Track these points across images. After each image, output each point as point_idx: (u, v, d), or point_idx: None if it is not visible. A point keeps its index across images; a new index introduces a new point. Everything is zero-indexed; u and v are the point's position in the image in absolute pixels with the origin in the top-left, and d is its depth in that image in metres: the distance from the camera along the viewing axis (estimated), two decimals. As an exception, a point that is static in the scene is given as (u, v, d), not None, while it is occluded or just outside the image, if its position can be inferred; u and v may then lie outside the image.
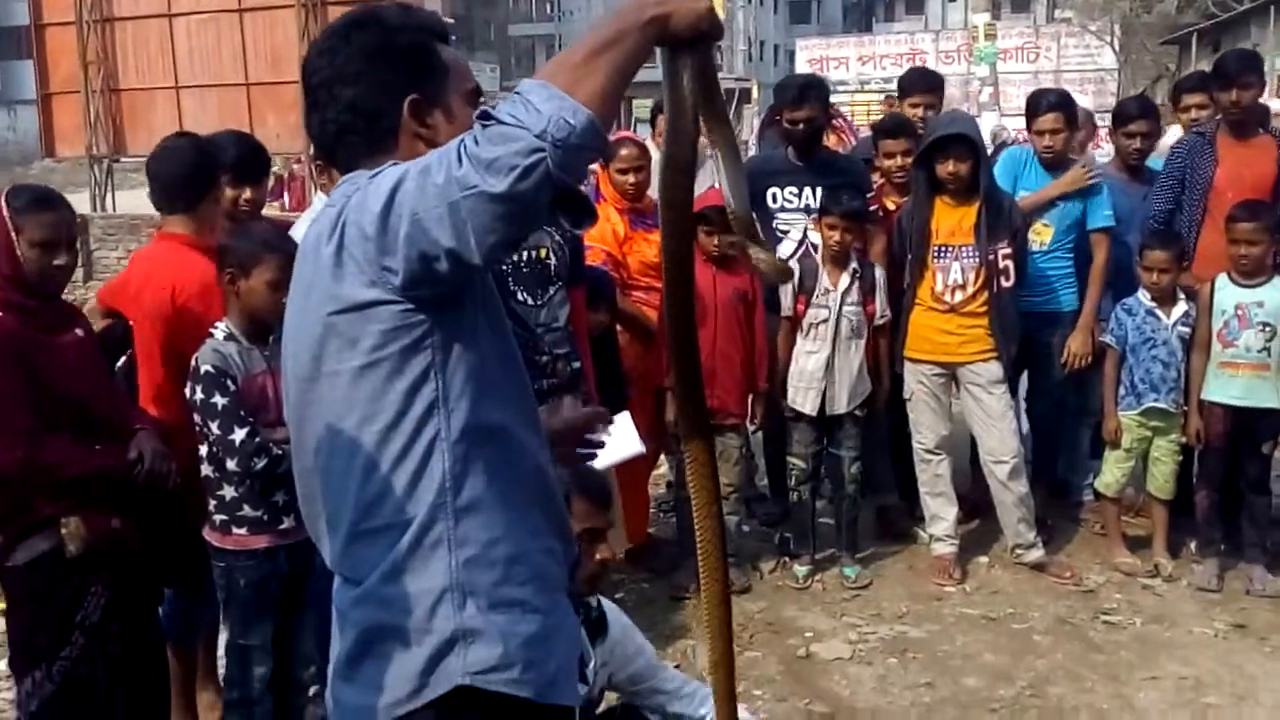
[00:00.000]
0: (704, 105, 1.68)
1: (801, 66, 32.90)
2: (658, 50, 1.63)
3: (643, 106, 50.16)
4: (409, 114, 1.74)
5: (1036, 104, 5.17)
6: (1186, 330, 4.78)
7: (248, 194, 3.82)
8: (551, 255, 4.12)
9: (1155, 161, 5.39)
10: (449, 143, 1.53)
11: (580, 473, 2.61)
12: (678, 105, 1.64)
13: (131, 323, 3.48)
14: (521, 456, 1.75)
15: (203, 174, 3.54)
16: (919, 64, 30.75)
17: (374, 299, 1.60)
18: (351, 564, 1.72)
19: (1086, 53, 30.38)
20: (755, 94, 42.12)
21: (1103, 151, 8.33)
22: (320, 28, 14.02)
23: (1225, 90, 4.92)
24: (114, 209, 15.95)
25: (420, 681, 1.67)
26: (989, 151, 5.34)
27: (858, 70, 31.67)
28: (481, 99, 1.81)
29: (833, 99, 6.42)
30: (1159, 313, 4.81)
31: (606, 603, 3.01)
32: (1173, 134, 5.69)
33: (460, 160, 1.48)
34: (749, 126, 36.56)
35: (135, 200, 17.99)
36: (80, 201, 17.26)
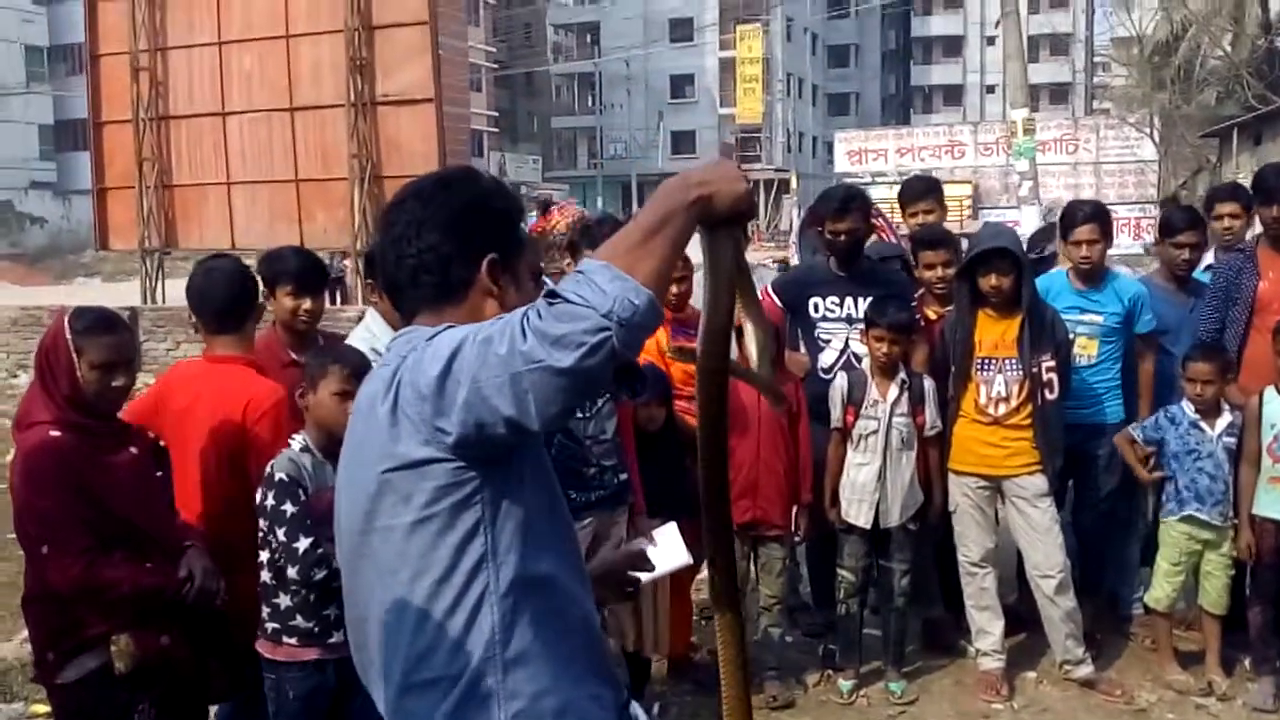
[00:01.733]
0: (737, 276, 1.79)
1: (840, 158, 33.21)
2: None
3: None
4: (486, 271, 1.82)
5: (1072, 215, 5.21)
6: (1232, 441, 4.74)
7: (307, 304, 3.92)
8: None
9: (1202, 274, 5.39)
10: (508, 314, 1.61)
11: None
12: (718, 278, 1.74)
13: (165, 442, 3.51)
14: (567, 604, 1.80)
15: (248, 295, 3.64)
16: (959, 155, 31.11)
17: (428, 457, 1.66)
18: (404, 716, 1.76)
19: (1125, 144, 30.48)
20: (794, 184, 42.61)
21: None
22: (370, 127, 14.43)
23: (1266, 205, 4.94)
24: (164, 300, 16.24)
25: None
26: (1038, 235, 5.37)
27: (896, 162, 31.87)
28: (542, 278, 1.91)
29: (872, 191, 6.52)
30: (1203, 425, 4.78)
31: (641, 713, 2.97)
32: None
33: (525, 334, 1.54)
34: (788, 217, 36.91)
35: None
36: (130, 291, 17.65)
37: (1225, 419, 4.77)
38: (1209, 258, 5.54)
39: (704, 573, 5.36)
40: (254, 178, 15.25)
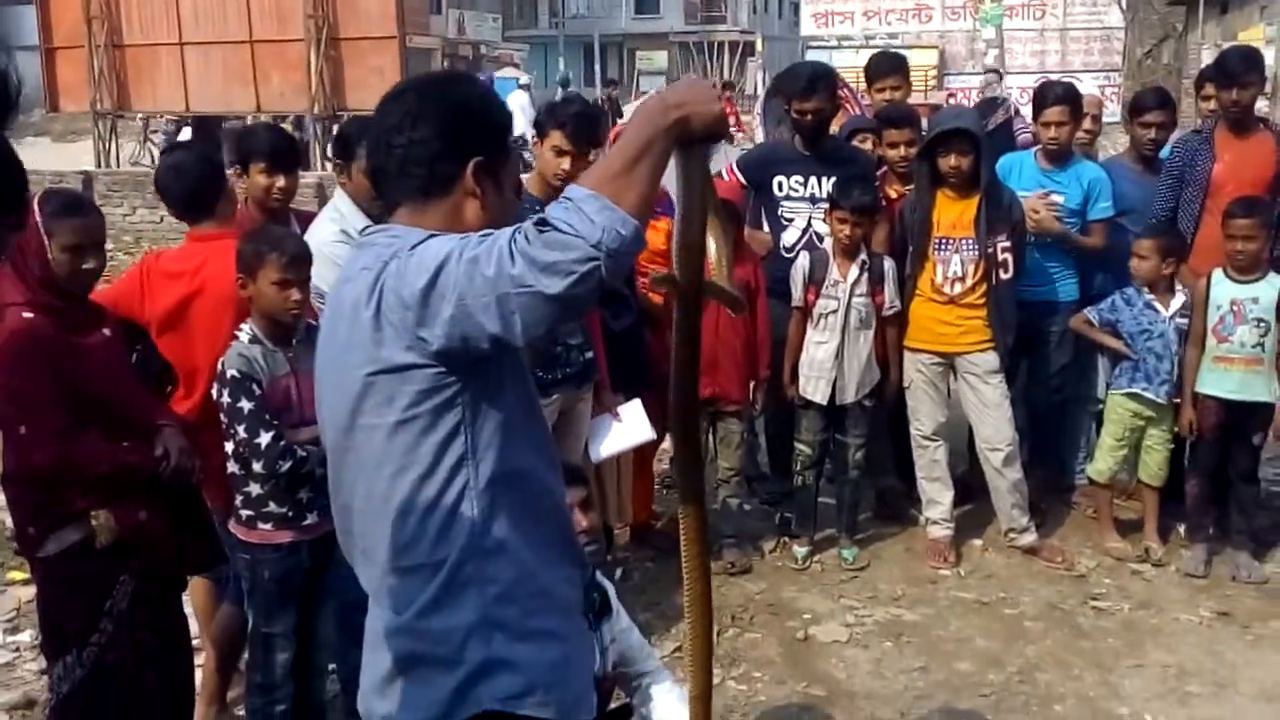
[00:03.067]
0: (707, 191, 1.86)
1: (806, 21, 32.56)
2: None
3: (645, 58, 49.69)
4: (472, 172, 1.87)
5: (1044, 96, 5.24)
6: (1184, 323, 4.88)
7: (281, 182, 3.92)
8: None
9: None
10: (495, 234, 1.67)
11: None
12: (690, 196, 1.81)
13: (156, 330, 3.55)
14: (542, 494, 1.91)
15: (215, 182, 3.65)
16: (926, 19, 30.65)
17: (410, 362, 1.74)
18: (389, 597, 1.88)
19: (1093, 11, 30.07)
20: (759, 47, 41.87)
21: (1109, 112, 8.31)
22: (328, -14, 13.98)
23: (1226, 89, 4.99)
24: (118, 165, 15.96)
25: (450, 706, 1.83)
26: (983, 105, 5.41)
27: (863, 25, 31.36)
28: (521, 197, 1.95)
29: (837, 56, 6.49)
30: (1157, 305, 4.91)
31: (606, 581, 3.11)
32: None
33: (513, 258, 1.60)
34: (752, 81, 36.38)
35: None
36: (82, 152, 17.31)
37: (1179, 300, 4.90)
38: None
39: (666, 444, 5.53)
40: (207, 38, 14.85)
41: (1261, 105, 5.26)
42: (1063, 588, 4.77)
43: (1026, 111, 5.92)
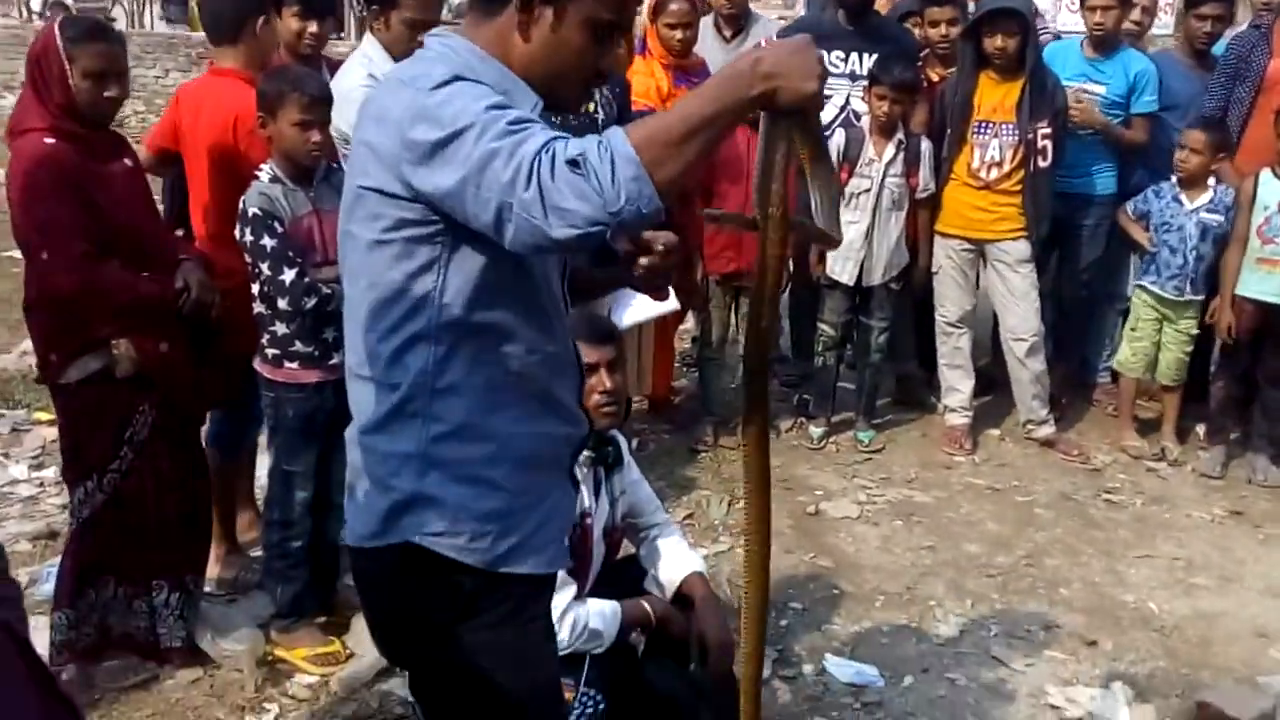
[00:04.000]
0: (810, 150, 1.72)
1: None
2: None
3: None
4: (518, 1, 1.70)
5: None
6: (1211, 218, 4.78)
7: (313, 28, 3.86)
8: (600, 110, 4.14)
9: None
10: (524, 136, 1.53)
11: (581, 316, 2.68)
12: (769, 167, 1.67)
13: (185, 158, 3.57)
14: (520, 353, 1.80)
15: (247, 5, 3.57)
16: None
17: (396, 192, 1.68)
18: (353, 401, 1.88)
19: (1155, -84, 29.11)
20: (808, -61, 40.81)
21: (1162, 23, 8.10)
22: None
23: (1288, -19, 4.81)
24: (151, 26, 15.80)
25: (381, 527, 1.83)
26: None
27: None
28: (614, 30, 1.75)
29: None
30: (1183, 198, 4.81)
31: (619, 435, 3.11)
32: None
33: (529, 181, 1.50)
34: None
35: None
36: (117, 17, 17.12)
37: (1206, 196, 4.80)
38: None
39: (689, 323, 5.52)
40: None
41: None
42: (1076, 480, 4.77)
43: (1047, 9, 5.70)
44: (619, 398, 2.88)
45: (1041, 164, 4.77)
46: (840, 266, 4.82)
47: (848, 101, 4.97)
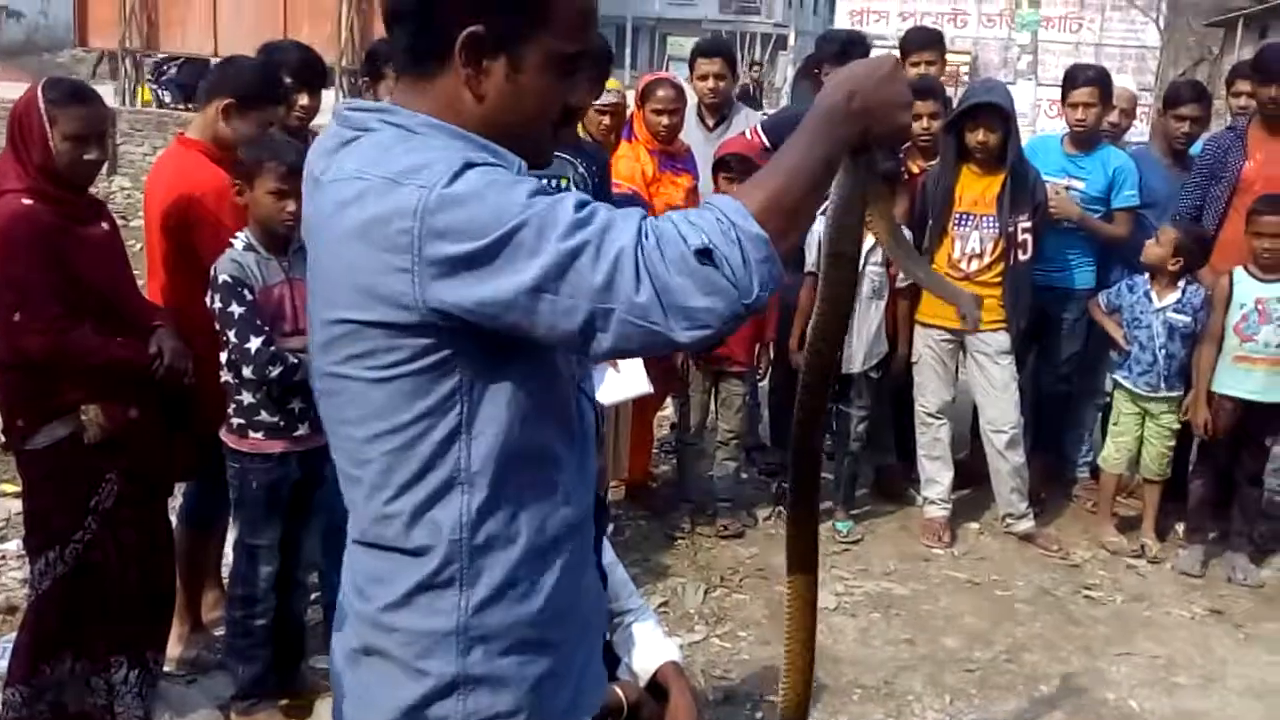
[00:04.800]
0: (876, 201, 1.62)
1: (841, 17, 32.27)
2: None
3: (677, 44, 49.62)
4: (460, 48, 1.41)
5: (1074, 77, 5.18)
6: (1177, 318, 4.81)
7: (304, 100, 3.88)
8: (573, 186, 4.15)
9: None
10: (608, 223, 1.30)
11: None
12: (847, 203, 1.55)
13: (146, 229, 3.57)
14: (558, 479, 1.53)
15: (257, 81, 3.58)
16: (961, 24, 30.50)
17: (406, 322, 1.38)
18: (356, 572, 1.57)
19: (1130, 28, 29.82)
20: (792, 40, 41.76)
21: (1136, 131, 8.29)
22: (363, -61, 13.96)
23: (1265, 85, 4.90)
24: (141, 104, 15.95)
25: (412, 716, 1.52)
26: None
27: (898, 25, 31.21)
28: (580, 61, 1.49)
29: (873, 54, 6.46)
30: (1153, 294, 4.85)
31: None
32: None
33: (640, 280, 1.28)
34: (782, 74, 36.25)
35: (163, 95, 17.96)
36: (107, 95, 17.29)
37: (1175, 295, 4.83)
38: None
39: (668, 408, 5.49)
40: (241, -18, 14.85)
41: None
42: (1056, 575, 4.72)
43: (1026, 112, 5.81)
44: (599, 483, 2.85)
45: (1022, 257, 4.80)
46: (820, 354, 4.80)
47: (832, 191, 5.00)
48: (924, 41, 5.71)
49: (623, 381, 4.41)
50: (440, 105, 1.45)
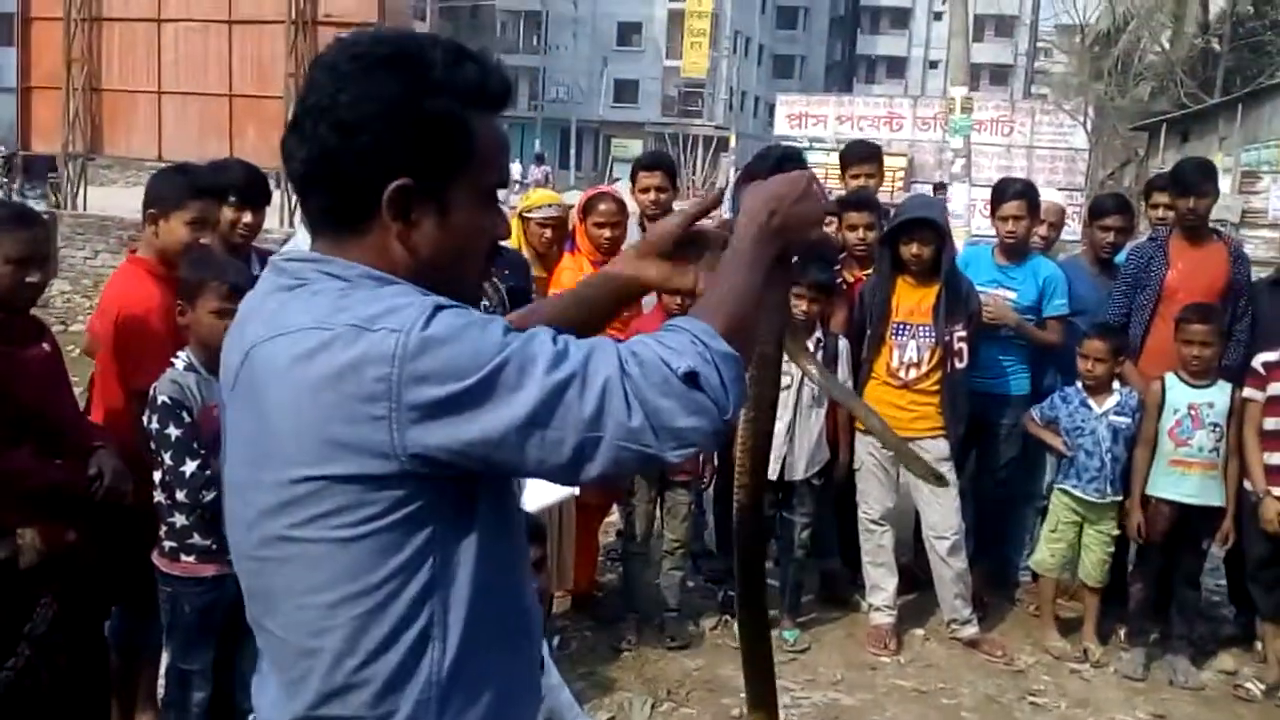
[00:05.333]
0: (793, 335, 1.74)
1: (781, 121, 33.15)
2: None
3: (621, 145, 50.32)
4: (388, 202, 1.38)
5: (1002, 191, 5.35)
6: (1119, 420, 4.92)
7: (248, 218, 3.91)
8: (485, 300, 4.19)
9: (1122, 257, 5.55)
10: (589, 353, 1.31)
11: None
12: (769, 306, 1.60)
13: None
14: (517, 614, 1.51)
15: (173, 193, 3.61)
16: (897, 127, 31.35)
17: (379, 473, 1.32)
18: None
19: (1059, 131, 30.84)
20: (733, 143, 42.62)
21: (1070, 230, 8.52)
22: (310, 46, 14.14)
23: (1183, 197, 5.10)
24: (84, 208, 15.86)
25: None
26: None
27: (835, 129, 31.99)
28: (500, 188, 1.50)
29: (810, 157, 6.66)
30: (1091, 403, 4.96)
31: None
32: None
33: (630, 406, 1.29)
34: (725, 176, 36.92)
35: (106, 199, 17.91)
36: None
37: (1113, 399, 4.95)
38: None
39: (613, 515, 5.49)
40: (186, 88, 14.89)
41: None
42: (1001, 681, 4.74)
43: (962, 213, 5.99)
44: (543, 598, 2.85)
45: (958, 365, 4.90)
46: (764, 462, 4.85)
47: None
48: (864, 155, 5.89)
49: (546, 486, 4.41)
50: (371, 256, 1.41)
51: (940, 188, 20.63)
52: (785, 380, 4.76)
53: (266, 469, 1.38)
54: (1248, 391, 4.76)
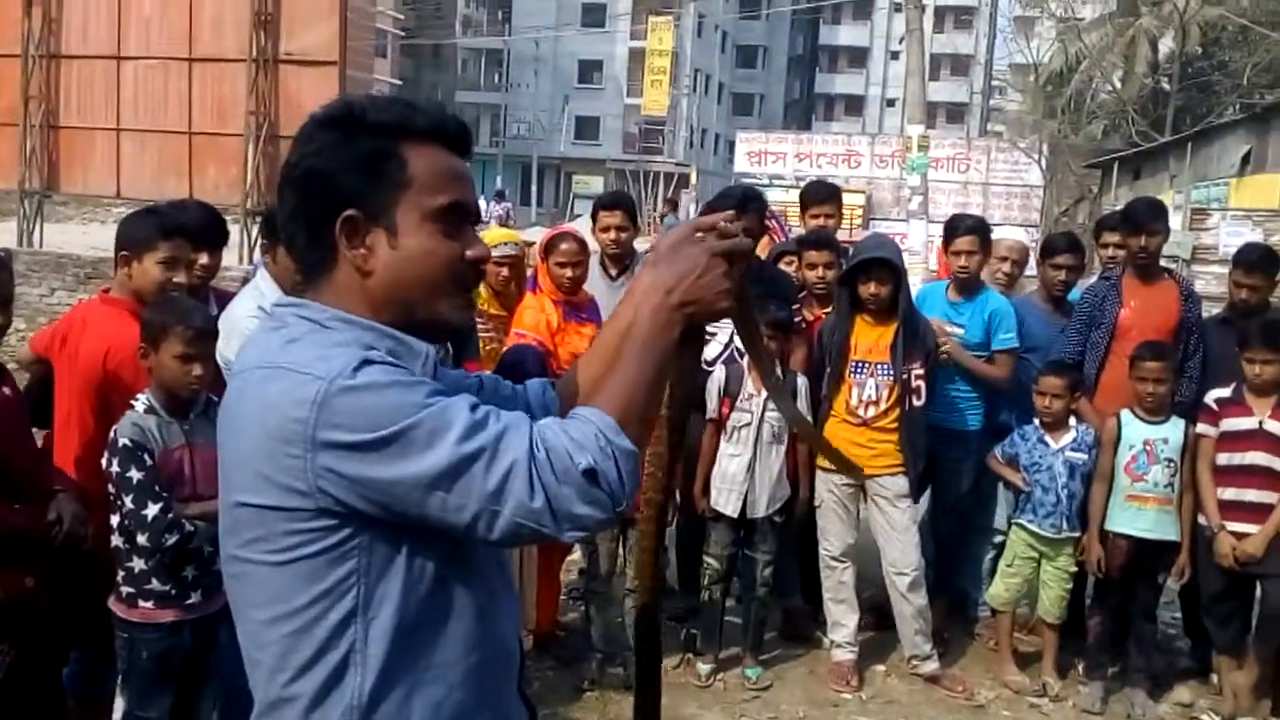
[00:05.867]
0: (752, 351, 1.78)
1: (740, 158, 33.51)
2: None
3: (582, 182, 50.52)
4: (341, 232, 1.52)
5: (954, 227, 5.44)
6: (1076, 456, 4.99)
7: (204, 259, 3.90)
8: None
9: (1076, 294, 5.64)
10: (502, 432, 1.40)
11: None
12: (678, 375, 1.66)
13: (56, 374, 3.52)
14: (467, 649, 1.55)
15: (141, 234, 3.60)
16: (855, 164, 31.71)
17: (293, 506, 1.44)
18: None
19: (1014, 169, 31.31)
20: (694, 179, 42.94)
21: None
22: (270, 85, 14.15)
23: (1134, 235, 5.20)
24: (41, 245, 15.73)
25: None
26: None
27: (794, 166, 32.31)
28: (459, 214, 1.58)
29: (768, 193, 6.75)
30: (1048, 439, 5.03)
31: None
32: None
33: (533, 490, 1.38)
34: (685, 211, 37.13)
35: (63, 236, 17.80)
36: (5, 232, 17.04)
37: (1069, 435, 5.02)
38: None
39: (575, 554, 5.49)
40: (145, 126, 14.84)
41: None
42: (962, 717, 4.77)
43: (920, 249, 6.06)
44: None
45: (916, 403, 4.96)
46: (725, 499, 4.89)
47: (731, 338, 5.15)
48: (823, 196, 5.97)
49: None
50: (344, 296, 1.54)
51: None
52: (746, 417, 4.81)
53: (226, 491, 1.52)
54: (1201, 427, 4.85)
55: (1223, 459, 4.79)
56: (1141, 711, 4.83)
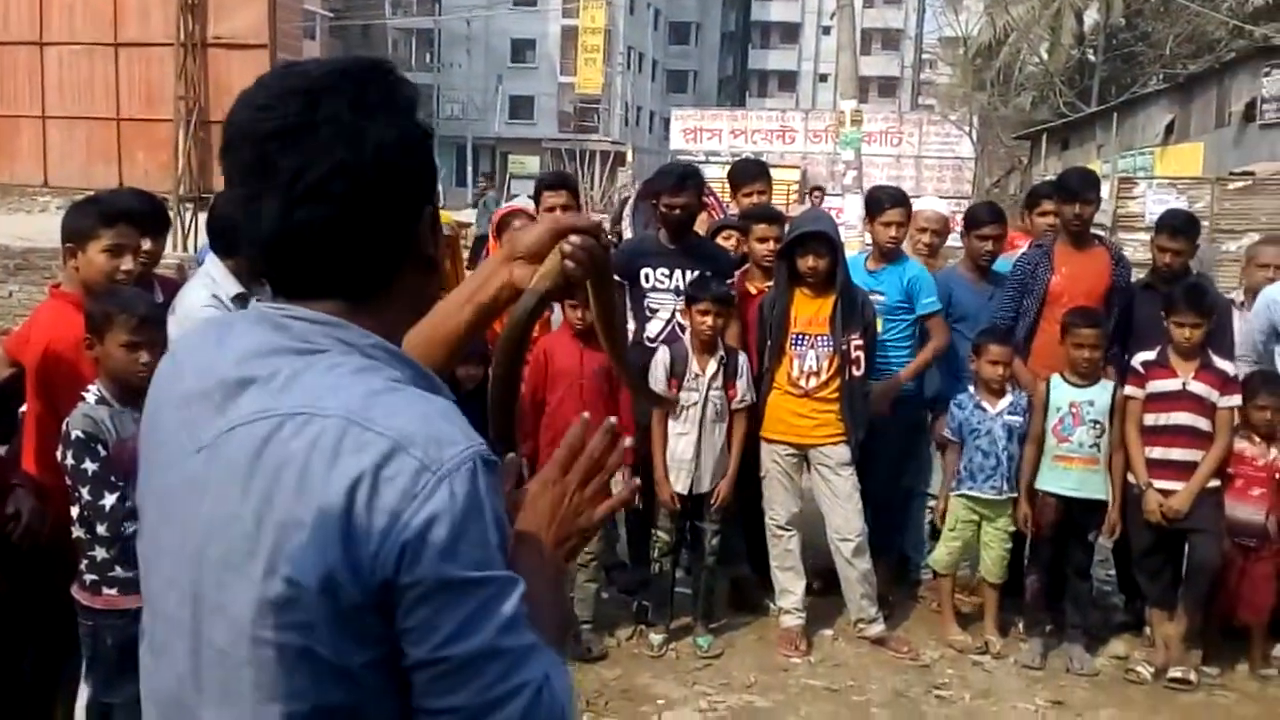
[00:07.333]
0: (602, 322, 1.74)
1: (676, 135, 33.62)
2: None
3: (518, 162, 50.20)
4: (424, 227, 1.30)
5: (880, 201, 5.55)
6: (1014, 420, 5.15)
7: (147, 245, 3.88)
8: None
9: (1003, 264, 5.79)
10: (537, 657, 1.18)
11: None
12: (514, 326, 1.58)
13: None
14: None
15: (81, 225, 3.59)
16: (789, 140, 31.91)
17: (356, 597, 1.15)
18: None
19: (946, 141, 31.75)
20: (630, 157, 42.90)
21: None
22: (199, 69, 13.97)
23: (1069, 204, 5.36)
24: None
25: None
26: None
27: (730, 143, 32.47)
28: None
29: (705, 169, 6.85)
30: (985, 404, 5.18)
31: None
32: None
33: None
34: (620, 191, 37.14)
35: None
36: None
37: (1006, 400, 5.18)
38: None
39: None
40: (72, 113, 14.60)
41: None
42: (908, 676, 4.91)
43: (856, 224, 6.14)
44: None
45: (855, 373, 5.07)
46: (674, 477, 4.98)
47: (673, 315, 5.23)
48: (753, 174, 6.08)
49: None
50: (383, 318, 1.28)
51: (817, 190, 21.09)
52: (694, 396, 4.90)
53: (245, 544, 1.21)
54: (1129, 389, 5.02)
55: (1150, 419, 4.97)
56: (1079, 665, 5.01)
